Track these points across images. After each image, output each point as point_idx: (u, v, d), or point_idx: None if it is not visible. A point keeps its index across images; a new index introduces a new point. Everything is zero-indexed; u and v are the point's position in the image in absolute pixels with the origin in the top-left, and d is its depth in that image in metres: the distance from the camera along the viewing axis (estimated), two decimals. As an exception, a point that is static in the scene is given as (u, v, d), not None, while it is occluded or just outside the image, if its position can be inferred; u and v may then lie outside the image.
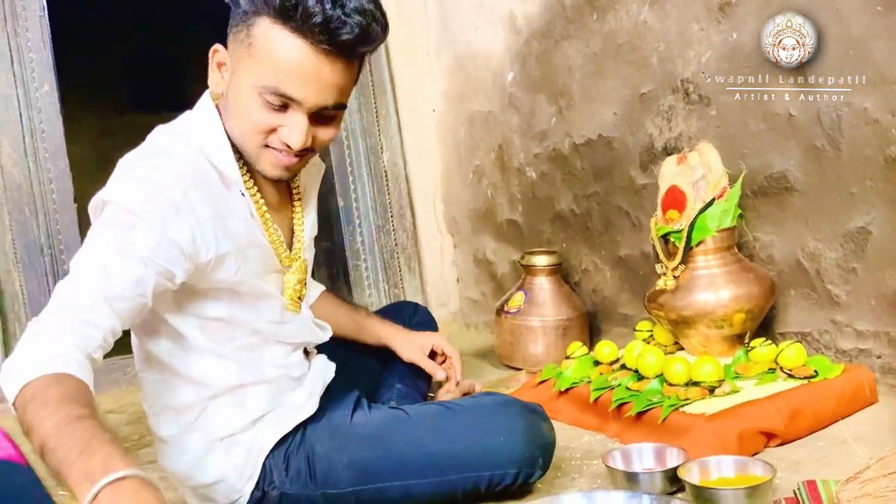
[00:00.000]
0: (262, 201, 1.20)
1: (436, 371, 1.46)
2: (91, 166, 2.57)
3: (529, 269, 2.18)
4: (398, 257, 2.72)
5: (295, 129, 1.10)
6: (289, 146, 1.12)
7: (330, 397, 1.32)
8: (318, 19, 1.03)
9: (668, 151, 1.88)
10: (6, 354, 2.26)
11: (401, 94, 2.72)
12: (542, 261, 2.17)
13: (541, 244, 2.35)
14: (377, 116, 2.70)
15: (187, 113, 1.20)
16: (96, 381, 0.98)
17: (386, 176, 2.71)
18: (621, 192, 2.08)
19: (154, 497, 0.81)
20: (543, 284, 2.16)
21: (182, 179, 1.09)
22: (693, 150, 1.69)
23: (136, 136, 1.25)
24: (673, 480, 1.22)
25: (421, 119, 2.75)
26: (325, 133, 1.15)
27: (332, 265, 2.82)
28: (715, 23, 1.76)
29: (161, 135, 1.18)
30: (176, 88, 4.02)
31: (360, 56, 1.13)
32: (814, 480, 1.12)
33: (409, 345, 1.49)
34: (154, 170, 1.10)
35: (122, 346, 1.17)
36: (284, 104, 1.09)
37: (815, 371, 1.51)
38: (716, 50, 1.77)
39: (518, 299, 2.15)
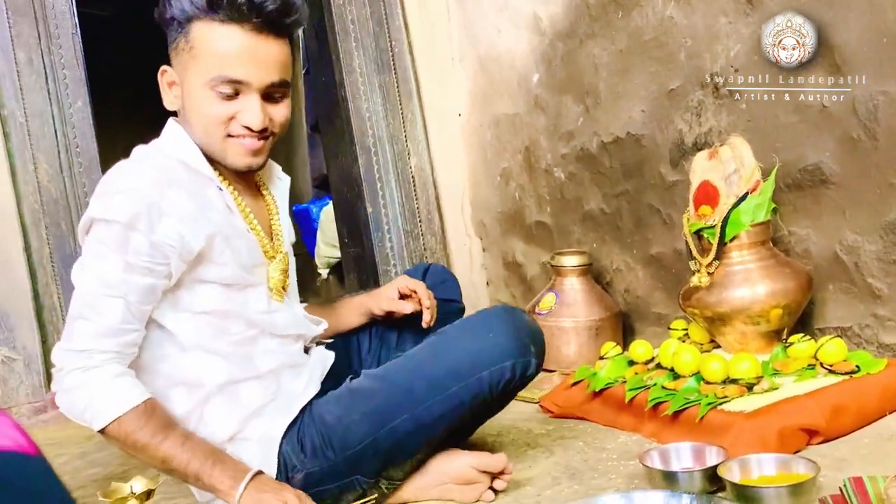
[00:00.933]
0: (239, 198, 1.29)
1: (403, 307, 1.48)
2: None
3: (559, 270, 2.16)
4: (427, 262, 2.72)
5: (250, 110, 1.20)
6: (249, 128, 1.21)
7: (334, 383, 1.36)
8: (242, 0, 1.15)
9: (698, 147, 1.86)
10: (46, 366, 2.31)
11: (426, 98, 2.73)
12: (572, 261, 2.15)
13: (570, 245, 2.34)
14: (404, 122, 2.71)
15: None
16: None
17: (413, 181, 2.71)
18: (651, 190, 2.06)
19: (282, 485, 1.21)
20: (574, 285, 2.14)
21: (158, 180, 1.18)
22: (724, 144, 1.67)
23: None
24: (713, 479, 1.20)
25: (447, 123, 2.76)
26: (278, 113, 1.24)
27: (362, 271, 2.83)
28: (743, 15, 1.74)
29: (136, 151, 1.27)
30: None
31: (287, 31, 1.23)
32: (860, 477, 1.08)
33: (378, 299, 1.53)
34: (130, 178, 1.19)
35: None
36: (235, 91, 1.19)
37: (857, 366, 1.47)
38: (745, 43, 1.74)
39: (549, 300, 2.13)
